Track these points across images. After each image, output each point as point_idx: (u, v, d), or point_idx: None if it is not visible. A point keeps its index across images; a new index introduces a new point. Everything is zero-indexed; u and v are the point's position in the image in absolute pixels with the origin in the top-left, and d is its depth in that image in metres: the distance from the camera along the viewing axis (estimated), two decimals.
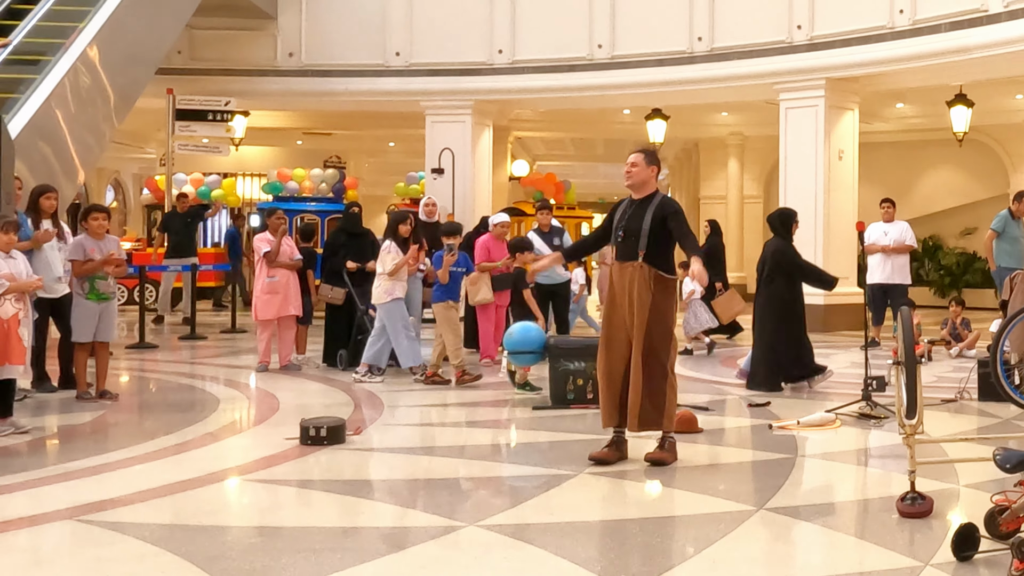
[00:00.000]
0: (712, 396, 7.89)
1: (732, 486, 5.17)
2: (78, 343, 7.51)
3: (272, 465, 5.49)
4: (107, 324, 7.55)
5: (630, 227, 5.50)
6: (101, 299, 7.50)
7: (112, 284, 7.64)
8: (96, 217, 7.60)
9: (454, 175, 15.60)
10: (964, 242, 20.13)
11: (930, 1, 12.67)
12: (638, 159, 5.59)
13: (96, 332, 7.48)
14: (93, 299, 7.46)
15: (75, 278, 7.50)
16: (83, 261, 7.44)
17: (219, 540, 4.14)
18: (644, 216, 5.48)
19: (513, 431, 6.80)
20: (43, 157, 9.85)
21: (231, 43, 16.04)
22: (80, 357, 7.55)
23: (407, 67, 15.86)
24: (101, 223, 7.59)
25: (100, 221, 7.57)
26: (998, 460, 3.96)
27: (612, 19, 15.16)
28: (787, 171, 14.41)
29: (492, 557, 3.97)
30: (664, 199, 5.63)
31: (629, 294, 5.46)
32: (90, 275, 7.43)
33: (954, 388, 7.86)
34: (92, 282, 7.45)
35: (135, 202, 23.55)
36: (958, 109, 15.48)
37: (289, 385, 8.39)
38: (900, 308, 5.06)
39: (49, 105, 9.98)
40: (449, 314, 8.66)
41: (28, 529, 4.32)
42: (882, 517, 4.54)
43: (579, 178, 26.51)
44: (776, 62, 14.06)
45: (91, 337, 7.47)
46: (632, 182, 5.60)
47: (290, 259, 9.32)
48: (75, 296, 7.50)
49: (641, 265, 5.44)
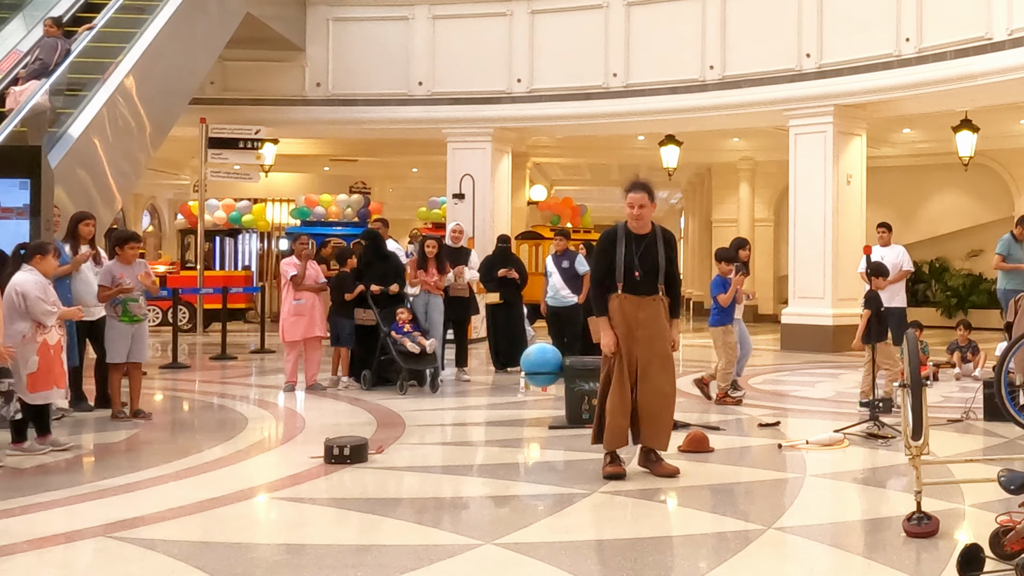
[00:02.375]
0: (722, 416, 7.85)
1: (742, 505, 5.13)
2: (112, 364, 7.58)
3: (297, 483, 5.51)
4: (139, 345, 7.62)
5: (646, 264, 5.55)
6: (134, 321, 7.57)
7: (144, 306, 7.71)
8: (133, 247, 7.69)
9: (474, 200, 15.67)
10: (970, 264, 19.98)
11: (936, 30, 12.65)
12: (644, 199, 5.58)
13: (129, 353, 7.55)
14: (126, 321, 7.54)
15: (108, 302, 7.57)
16: (107, 287, 7.51)
17: (245, 557, 4.15)
18: (657, 253, 5.57)
19: (529, 450, 6.79)
20: (82, 184, 9.97)
21: (261, 74, 16.24)
22: (114, 377, 7.62)
23: (429, 96, 15.98)
24: (135, 251, 7.68)
25: (131, 251, 7.65)
26: (1002, 482, 3.92)
27: (627, 49, 15.22)
28: (796, 195, 14.38)
29: (508, 575, 3.96)
30: (665, 233, 5.71)
31: (651, 326, 5.54)
32: (116, 299, 7.50)
33: (960, 408, 7.78)
34: (125, 305, 7.52)
35: (170, 226, 23.79)
36: (963, 134, 15.41)
37: (315, 405, 8.42)
38: (906, 332, 5.03)
39: (88, 135, 10.11)
40: (727, 339, 8.53)
41: (63, 545, 4.35)
42: (889, 537, 4.49)
43: (595, 202, 26.55)
44: (786, 90, 14.07)
45: (125, 358, 7.53)
46: (642, 223, 5.60)
47: (315, 283, 9.38)
48: (108, 319, 7.58)
49: (662, 299, 5.57)
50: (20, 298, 6.09)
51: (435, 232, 14.45)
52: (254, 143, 15.81)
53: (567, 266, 9.99)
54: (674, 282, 5.69)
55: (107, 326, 7.58)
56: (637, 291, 5.55)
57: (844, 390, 9.71)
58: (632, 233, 5.60)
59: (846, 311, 13.87)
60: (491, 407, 8.38)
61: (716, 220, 22.65)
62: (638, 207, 5.55)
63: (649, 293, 5.55)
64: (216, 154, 15.48)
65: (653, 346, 5.53)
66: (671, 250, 5.65)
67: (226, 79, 16.17)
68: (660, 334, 5.54)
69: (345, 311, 9.45)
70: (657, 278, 5.54)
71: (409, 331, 9.16)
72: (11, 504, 4.92)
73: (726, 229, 22.42)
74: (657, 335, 5.53)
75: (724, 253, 8.72)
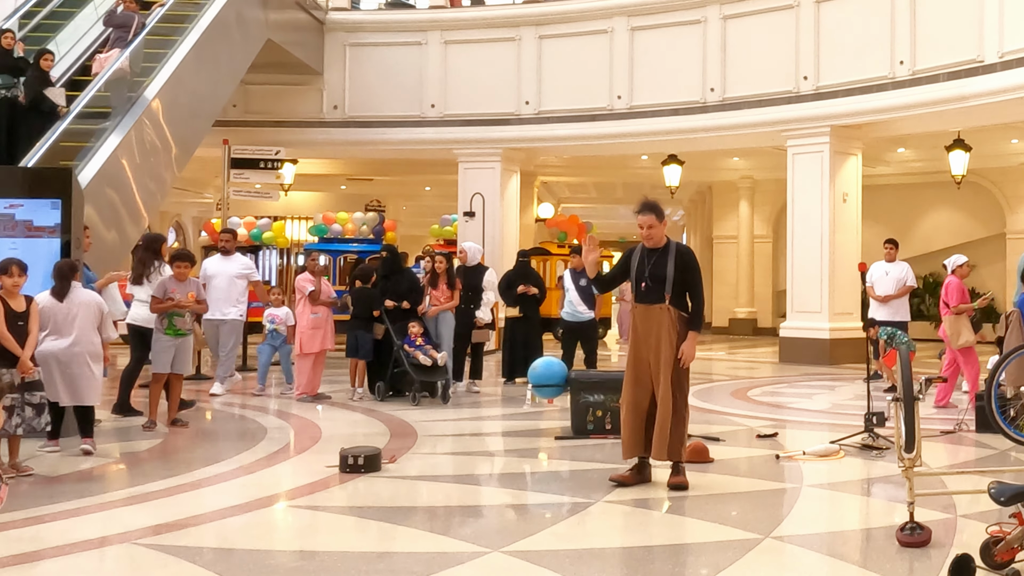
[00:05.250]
0: (723, 427, 7.83)
1: (741, 514, 5.12)
2: (156, 374, 7.64)
3: (313, 492, 5.52)
4: (182, 358, 7.70)
5: (654, 275, 5.57)
6: (179, 335, 7.64)
7: (189, 321, 7.78)
8: (179, 265, 7.78)
9: (484, 217, 15.72)
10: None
11: (929, 52, 12.66)
12: (652, 220, 5.62)
13: (172, 364, 7.61)
14: (171, 334, 7.61)
15: (156, 315, 7.67)
16: (161, 299, 7.60)
17: (263, 563, 4.17)
18: (667, 265, 5.57)
19: (536, 460, 6.79)
20: (110, 203, 10.04)
21: (281, 97, 16.36)
22: (155, 388, 7.68)
23: (441, 118, 16.06)
24: (182, 271, 7.77)
25: (181, 269, 7.76)
26: (992, 493, 3.90)
27: (630, 72, 15.27)
28: (794, 213, 14.37)
29: None
30: (680, 248, 5.70)
31: (656, 334, 5.53)
32: (167, 312, 7.58)
33: (953, 420, 7.74)
34: (171, 319, 7.60)
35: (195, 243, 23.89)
36: (956, 153, 15.39)
37: (331, 415, 8.44)
38: (899, 348, 5.03)
39: (116, 156, 10.20)
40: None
41: (89, 552, 4.38)
42: (883, 546, 4.47)
43: (600, 219, 26.60)
44: (784, 111, 14.09)
45: (168, 369, 7.60)
46: (652, 243, 5.65)
47: (328, 297, 9.48)
48: (155, 331, 7.65)
49: (668, 308, 5.54)
50: (100, 311, 6.54)
51: (446, 249, 14.48)
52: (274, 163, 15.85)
53: (584, 284, 9.99)
54: (695, 296, 5.63)
55: (153, 338, 7.68)
56: (645, 300, 5.60)
57: (841, 402, 9.68)
58: (646, 248, 5.68)
59: (843, 324, 13.84)
60: (500, 418, 8.39)
61: (717, 236, 22.64)
62: (647, 228, 5.62)
63: (655, 302, 5.56)
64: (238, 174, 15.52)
65: (660, 354, 5.53)
66: (686, 264, 5.59)
67: (248, 102, 16.29)
68: (667, 342, 5.51)
69: (366, 325, 9.50)
70: (664, 288, 5.53)
71: (421, 344, 9.19)
72: (41, 511, 4.96)
73: (727, 245, 22.42)
74: (664, 343, 5.51)
75: None
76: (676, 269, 5.55)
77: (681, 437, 5.54)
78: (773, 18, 14.21)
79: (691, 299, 5.63)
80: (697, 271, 5.69)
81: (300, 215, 21.76)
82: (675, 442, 5.50)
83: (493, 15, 16.36)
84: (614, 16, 15.40)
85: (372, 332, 9.50)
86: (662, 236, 5.67)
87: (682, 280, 5.57)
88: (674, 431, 5.50)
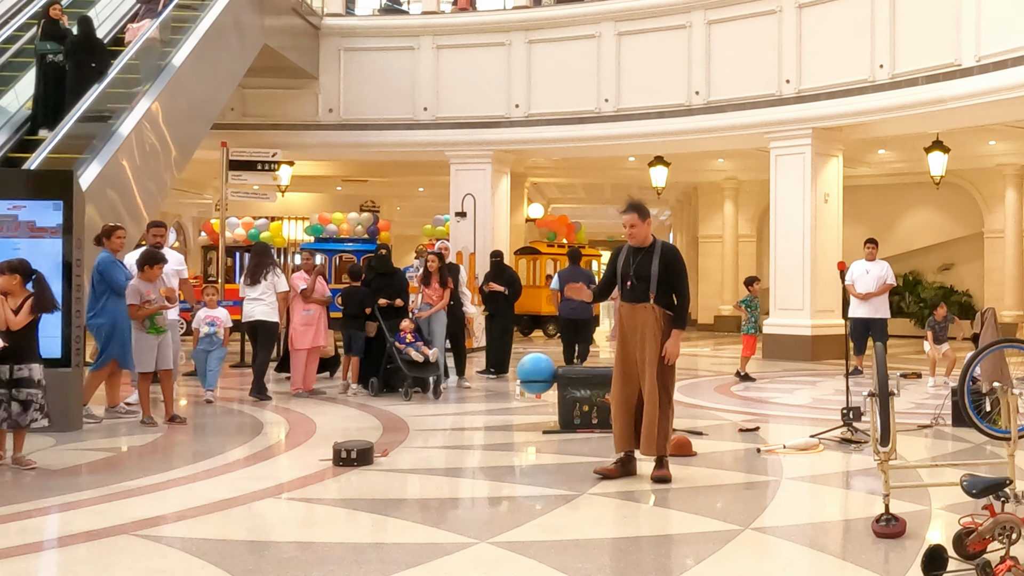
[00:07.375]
0: (707, 422, 7.86)
1: (722, 507, 5.15)
2: (142, 372, 7.62)
3: (307, 485, 5.53)
4: (165, 353, 7.67)
5: (639, 274, 5.58)
6: (160, 332, 7.62)
7: (167, 318, 7.77)
8: (149, 267, 7.63)
9: (476, 218, 15.73)
10: (942, 277, 20.00)
11: (908, 56, 12.71)
12: (634, 219, 5.62)
13: (156, 361, 7.59)
14: (153, 332, 7.59)
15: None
16: (138, 306, 7.54)
17: (257, 554, 4.18)
18: (652, 264, 5.57)
19: (524, 454, 6.81)
20: (111, 204, 10.02)
21: (278, 101, 16.35)
22: (143, 385, 7.67)
23: (433, 121, 16.07)
24: (156, 273, 7.67)
25: (156, 272, 7.66)
26: (965, 486, 3.92)
27: (617, 76, 15.30)
28: (777, 213, 14.43)
29: (501, 571, 3.98)
30: (665, 247, 5.69)
31: (641, 332, 5.55)
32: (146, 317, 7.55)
33: (930, 415, 7.79)
34: (152, 319, 7.58)
35: (194, 243, 23.84)
36: (935, 155, 15.47)
37: (325, 410, 8.45)
38: (875, 344, 5.05)
39: (117, 158, 10.18)
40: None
41: (89, 543, 4.37)
42: (860, 537, 4.50)
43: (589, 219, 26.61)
44: (767, 113, 14.14)
45: (153, 366, 7.58)
46: (636, 241, 5.66)
47: (321, 295, 9.47)
48: (135, 331, 7.62)
49: (653, 307, 5.54)
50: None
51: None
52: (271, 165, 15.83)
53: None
54: (680, 295, 5.63)
55: (134, 338, 7.62)
56: (630, 299, 5.61)
57: (821, 397, 9.73)
58: (632, 248, 5.68)
59: (824, 322, 13.90)
60: (489, 413, 8.40)
61: (703, 236, 22.69)
62: (630, 227, 5.64)
63: (640, 300, 5.57)
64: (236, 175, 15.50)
65: (644, 351, 5.54)
66: (671, 263, 5.58)
67: (245, 105, 16.27)
68: (651, 339, 5.51)
69: (357, 323, 9.48)
70: (649, 287, 5.54)
71: (412, 341, 9.20)
72: (42, 503, 4.96)
73: (712, 245, 22.47)
74: (649, 340, 5.52)
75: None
76: (661, 268, 5.55)
77: (666, 432, 5.56)
78: (756, 23, 14.25)
79: (676, 297, 5.64)
80: (682, 270, 5.68)
81: (297, 215, 21.73)
82: (660, 437, 5.53)
83: (484, 20, 16.37)
84: (602, 21, 15.43)
85: (364, 330, 9.49)
86: (647, 235, 5.68)
87: (667, 279, 5.57)
88: (659, 427, 5.51)
